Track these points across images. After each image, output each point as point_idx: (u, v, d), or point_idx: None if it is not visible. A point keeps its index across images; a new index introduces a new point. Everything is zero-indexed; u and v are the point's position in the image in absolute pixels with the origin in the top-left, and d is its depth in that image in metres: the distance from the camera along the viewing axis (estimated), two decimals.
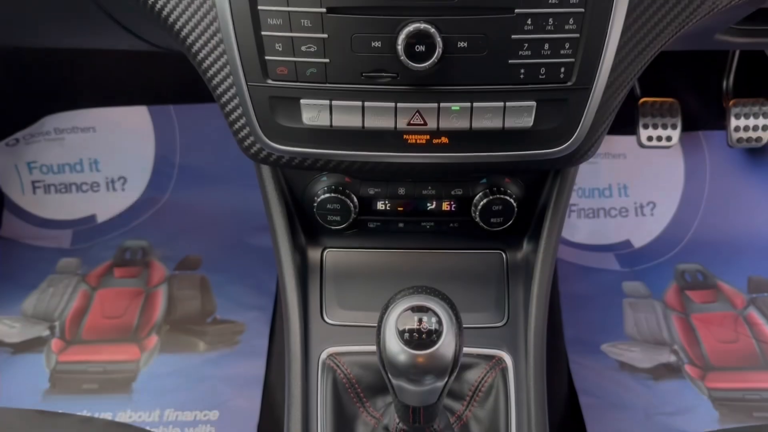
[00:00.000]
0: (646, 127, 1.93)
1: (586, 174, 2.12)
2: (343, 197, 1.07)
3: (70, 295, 1.89)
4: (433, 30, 0.80)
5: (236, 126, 0.94)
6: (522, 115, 0.88)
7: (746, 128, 1.91)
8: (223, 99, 0.92)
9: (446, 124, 0.88)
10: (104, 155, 2.14)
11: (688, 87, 2.09)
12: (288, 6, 0.81)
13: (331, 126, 0.89)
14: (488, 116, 0.88)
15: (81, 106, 2.11)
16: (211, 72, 0.90)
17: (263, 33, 0.83)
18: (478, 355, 1.08)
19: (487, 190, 1.08)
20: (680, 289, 1.93)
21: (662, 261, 2.01)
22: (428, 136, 0.90)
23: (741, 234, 2.04)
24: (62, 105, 2.11)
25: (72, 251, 2.03)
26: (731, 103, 1.93)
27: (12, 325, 1.81)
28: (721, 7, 0.87)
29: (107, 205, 2.12)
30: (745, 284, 1.94)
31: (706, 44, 1.17)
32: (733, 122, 1.91)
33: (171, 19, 0.87)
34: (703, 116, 2.09)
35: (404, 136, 0.90)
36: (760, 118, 1.90)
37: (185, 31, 0.87)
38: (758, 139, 1.91)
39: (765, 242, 2.02)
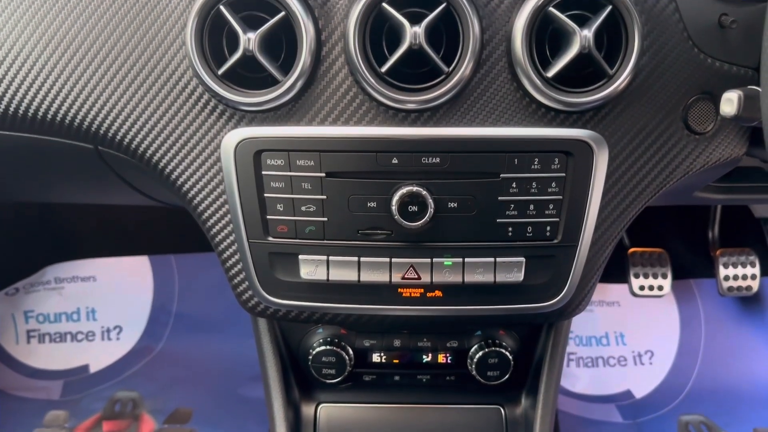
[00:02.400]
0: (637, 276, 1.96)
1: (582, 322, 2.13)
2: (338, 350, 1.08)
3: None
4: (424, 192, 0.85)
5: (235, 280, 0.97)
6: (512, 270, 0.91)
7: (735, 277, 1.94)
8: (225, 255, 0.95)
9: (439, 278, 0.91)
10: (102, 304, 2.15)
11: (676, 236, 2.15)
12: (290, 171, 0.87)
13: (327, 280, 0.92)
14: (480, 271, 0.91)
15: (83, 256, 2.16)
16: (214, 230, 0.94)
17: (266, 195, 0.89)
18: None
19: (483, 343, 1.09)
20: None
21: (665, 412, 1.97)
22: (422, 290, 0.93)
23: (742, 383, 2.01)
24: (65, 255, 2.15)
25: (61, 403, 1.98)
26: (718, 252, 1.98)
27: None
28: (696, 170, 0.93)
29: (101, 355, 2.10)
30: None
31: (687, 200, 1.23)
32: (722, 271, 1.95)
33: (180, 182, 0.92)
34: (692, 265, 2.13)
35: (399, 290, 0.93)
36: (748, 267, 1.94)
37: (192, 192, 0.92)
38: (748, 288, 1.94)
39: (767, 392, 1.99)
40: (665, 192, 0.94)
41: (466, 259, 0.91)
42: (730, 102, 0.74)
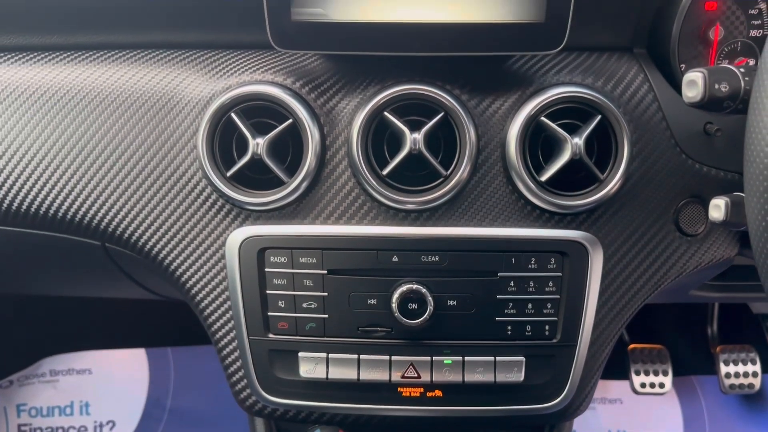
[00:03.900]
0: (638, 373, 1.94)
1: (585, 420, 2.08)
2: None
3: None
4: (424, 290, 0.87)
5: (234, 378, 0.96)
6: (512, 370, 0.91)
7: (737, 375, 1.92)
8: (224, 351, 0.95)
9: (439, 377, 0.91)
10: (96, 398, 2.11)
11: (675, 332, 2.14)
12: (293, 268, 0.89)
13: (327, 378, 0.92)
14: (480, 370, 0.91)
15: (80, 348, 2.14)
16: (215, 326, 0.94)
17: (268, 292, 0.90)
18: None
19: None
20: None
21: None
22: (422, 389, 0.93)
23: None
24: (62, 347, 2.13)
25: None
26: (718, 349, 1.97)
27: None
28: (689, 271, 0.95)
29: None
30: None
31: (684, 298, 1.24)
32: (723, 369, 1.93)
33: (184, 278, 0.94)
34: (693, 361, 2.11)
35: (399, 389, 0.93)
36: (749, 364, 1.92)
37: (196, 288, 0.94)
38: (750, 385, 1.91)
39: None
40: (661, 291, 0.96)
41: (466, 358, 0.91)
42: (717, 208, 0.77)
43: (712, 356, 2.01)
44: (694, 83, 0.73)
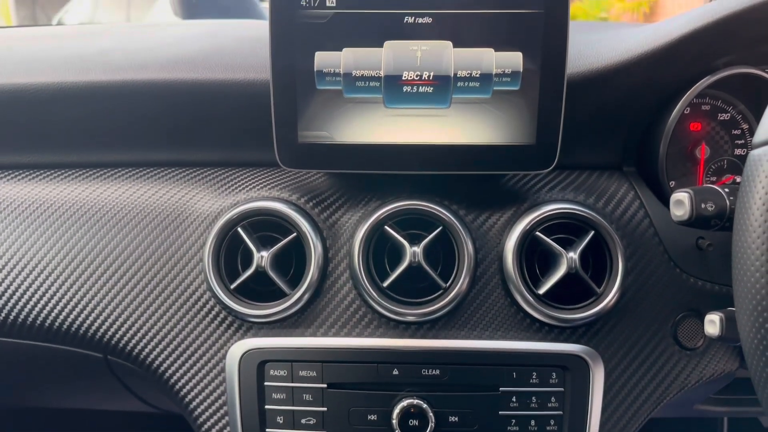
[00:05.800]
0: None
1: None
2: None
3: None
4: (425, 405, 0.86)
5: None
6: None
7: None
8: None
9: None
10: None
11: None
12: (293, 382, 0.89)
13: None
14: None
15: None
16: None
17: (267, 407, 0.89)
18: None
19: None
20: None
21: None
22: None
23: None
24: None
25: None
26: None
27: None
28: (691, 385, 0.94)
29: None
30: None
31: (689, 412, 1.21)
32: None
33: (183, 392, 0.93)
34: None
35: None
36: None
37: (195, 402, 0.93)
38: None
39: None
40: (665, 406, 0.94)
41: None
42: (713, 324, 0.78)
43: None
44: (681, 203, 0.76)
